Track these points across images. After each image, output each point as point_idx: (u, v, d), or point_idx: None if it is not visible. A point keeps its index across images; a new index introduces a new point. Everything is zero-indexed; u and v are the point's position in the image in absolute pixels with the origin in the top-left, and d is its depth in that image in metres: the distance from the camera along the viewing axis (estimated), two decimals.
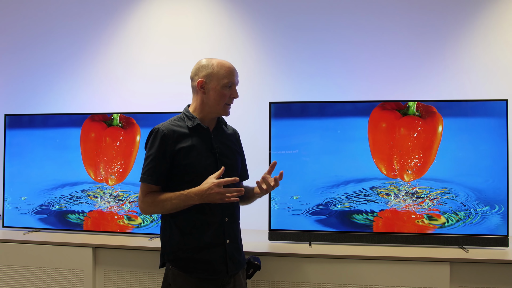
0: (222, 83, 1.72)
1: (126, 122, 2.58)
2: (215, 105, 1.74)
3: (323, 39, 2.87)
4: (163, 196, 1.67)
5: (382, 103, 2.33)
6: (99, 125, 2.62)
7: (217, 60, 1.74)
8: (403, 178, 2.29)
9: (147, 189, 1.70)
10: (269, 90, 2.90)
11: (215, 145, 1.76)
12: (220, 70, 1.72)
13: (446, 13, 2.76)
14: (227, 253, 1.72)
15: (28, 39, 3.23)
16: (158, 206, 1.68)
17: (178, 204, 1.65)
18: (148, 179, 1.69)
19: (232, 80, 1.74)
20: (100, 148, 2.60)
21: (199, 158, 1.71)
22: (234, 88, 1.76)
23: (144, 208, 1.72)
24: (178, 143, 1.70)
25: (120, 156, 2.57)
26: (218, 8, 3.01)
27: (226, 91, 1.73)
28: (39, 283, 2.41)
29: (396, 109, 2.31)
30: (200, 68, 1.74)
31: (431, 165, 2.27)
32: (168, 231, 1.74)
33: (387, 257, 2.11)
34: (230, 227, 1.75)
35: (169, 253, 1.73)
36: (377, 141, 2.32)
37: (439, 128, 2.27)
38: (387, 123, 2.31)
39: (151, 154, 1.70)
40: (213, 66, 1.72)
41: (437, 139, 2.27)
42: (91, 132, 2.62)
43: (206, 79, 1.72)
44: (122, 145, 2.57)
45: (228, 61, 1.76)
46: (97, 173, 2.60)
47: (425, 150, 2.28)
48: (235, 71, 1.77)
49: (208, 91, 1.73)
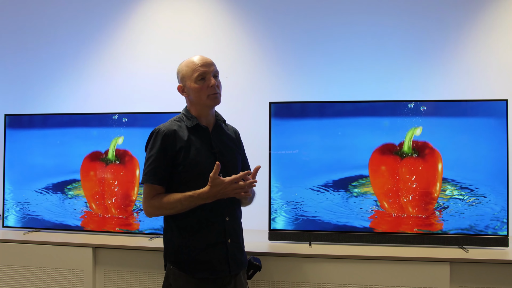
0: (193, 79, 1.72)
1: (123, 156, 2.56)
2: (199, 100, 1.75)
3: (323, 39, 2.87)
4: (171, 199, 1.66)
5: (381, 148, 2.31)
6: (98, 164, 2.60)
7: (186, 60, 1.77)
8: (408, 212, 2.30)
9: (152, 191, 1.69)
10: (269, 90, 2.90)
11: (215, 145, 1.77)
12: (188, 69, 1.74)
13: (446, 13, 2.76)
14: (228, 252, 1.72)
15: (28, 39, 3.23)
16: (166, 209, 1.68)
17: (189, 206, 1.66)
18: (151, 179, 1.68)
19: (201, 71, 1.72)
20: (101, 187, 2.59)
21: (200, 158, 1.71)
22: (209, 77, 1.73)
23: (151, 211, 1.71)
24: (178, 143, 1.70)
25: (122, 191, 2.57)
26: (218, 8, 3.00)
27: (201, 84, 1.72)
28: (39, 283, 2.41)
29: (394, 152, 2.29)
30: (177, 75, 1.80)
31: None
32: (170, 232, 1.74)
33: (387, 257, 2.11)
34: (231, 226, 1.75)
35: (170, 254, 1.73)
36: (377, 183, 2.32)
37: (439, 166, 2.26)
38: (387, 166, 2.31)
39: (153, 155, 1.70)
40: (182, 68, 1.77)
41: (438, 177, 2.26)
42: (90, 171, 2.61)
43: (181, 82, 1.77)
44: (123, 183, 2.56)
45: (198, 55, 1.77)
46: (99, 206, 2.61)
47: (428, 187, 2.28)
48: (205, 61, 1.75)
49: (188, 92, 1.76)
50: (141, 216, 2.53)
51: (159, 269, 2.26)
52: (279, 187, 2.37)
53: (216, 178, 1.62)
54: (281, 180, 2.37)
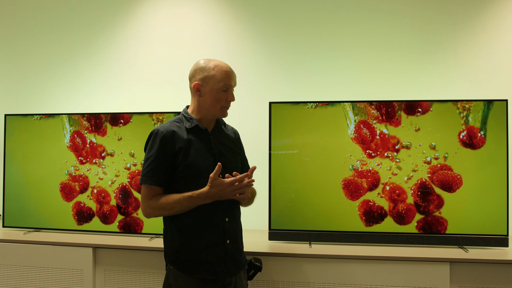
0: (218, 87, 1.70)
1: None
2: (211, 108, 1.73)
3: (323, 39, 2.87)
4: (170, 199, 1.66)
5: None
6: None
7: (214, 63, 1.72)
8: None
9: (151, 192, 1.69)
10: (269, 90, 2.90)
11: (214, 146, 1.76)
12: (217, 74, 1.70)
13: (446, 13, 2.76)
14: (227, 253, 1.72)
15: (28, 39, 3.23)
16: (165, 209, 1.67)
17: (188, 206, 1.66)
18: (149, 180, 1.68)
19: (229, 83, 1.72)
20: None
21: (199, 159, 1.70)
22: (230, 91, 1.74)
23: (149, 212, 1.70)
24: (177, 144, 1.69)
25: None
26: (218, 9, 3.00)
27: (222, 95, 1.72)
28: (39, 283, 2.41)
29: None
30: (197, 70, 1.73)
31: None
32: (170, 233, 1.74)
33: (387, 257, 2.11)
34: (231, 227, 1.75)
35: (170, 254, 1.73)
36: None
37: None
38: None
39: (151, 156, 1.69)
40: (210, 69, 1.71)
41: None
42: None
43: (202, 82, 1.71)
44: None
45: (225, 63, 1.74)
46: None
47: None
48: (233, 74, 1.74)
49: (204, 94, 1.72)
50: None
51: (159, 269, 2.26)
52: (279, 186, 2.37)
53: (216, 179, 1.62)
54: (281, 179, 2.37)
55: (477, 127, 2.25)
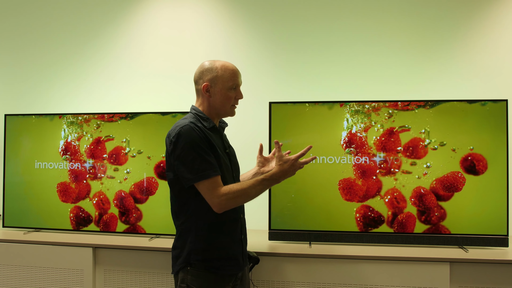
0: (227, 86, 1.73)
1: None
2: (222, 107, 1.75)
3: (323, 39, 2.87)
4: (244, 185, 1.62)
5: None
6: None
7: (220, 63, 1.74)
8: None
9: (215, 183, 1.61)
10: (269, 90, 2.90)
11: (226, 145, 1.82)
12: (225, 73, 1.72)
13: (445, 13, 2.76)
14: (243, 248, 1.79)
15: (28, 39, 3.23)
16: (241, 197, 1.62)
17: (261, 190, 1.65)
18: (212, 172, 1.60)
19: (237, 82, 1.75)
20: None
21: (220, 157, 1.70)
22: (238, 89, 1.78)
23: (226, 203, 1.60)
24: (207, 139, 1.67)
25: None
26: (218, 9, 3.01)
27: (232, 93, 1.75)
28: (39, 283, 2.41)
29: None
30: (204, 72, 1.74)
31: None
32: (193, 233, 1.68)
33: (387, 257, 2.11)
34: (244, 223, 1.84)
35: (195, 254, 1.67)
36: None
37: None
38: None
39: (193, 150, 1.60)
40: (217, 69, 1.72)
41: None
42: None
43: (211, 82, 1.72)
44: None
45: (231, 63, 1.77)
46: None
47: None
48: (239, 73, 1.78)
49: (214, 94, 1.73)
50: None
51: (159, 269, 2.26)
52: (279, 186, 2.36)
53: (283, 156, 1.67)
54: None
55: (476, 127, 2.25)
